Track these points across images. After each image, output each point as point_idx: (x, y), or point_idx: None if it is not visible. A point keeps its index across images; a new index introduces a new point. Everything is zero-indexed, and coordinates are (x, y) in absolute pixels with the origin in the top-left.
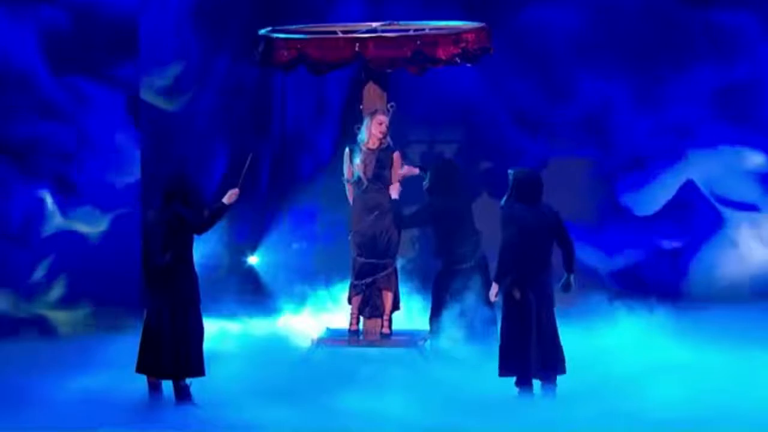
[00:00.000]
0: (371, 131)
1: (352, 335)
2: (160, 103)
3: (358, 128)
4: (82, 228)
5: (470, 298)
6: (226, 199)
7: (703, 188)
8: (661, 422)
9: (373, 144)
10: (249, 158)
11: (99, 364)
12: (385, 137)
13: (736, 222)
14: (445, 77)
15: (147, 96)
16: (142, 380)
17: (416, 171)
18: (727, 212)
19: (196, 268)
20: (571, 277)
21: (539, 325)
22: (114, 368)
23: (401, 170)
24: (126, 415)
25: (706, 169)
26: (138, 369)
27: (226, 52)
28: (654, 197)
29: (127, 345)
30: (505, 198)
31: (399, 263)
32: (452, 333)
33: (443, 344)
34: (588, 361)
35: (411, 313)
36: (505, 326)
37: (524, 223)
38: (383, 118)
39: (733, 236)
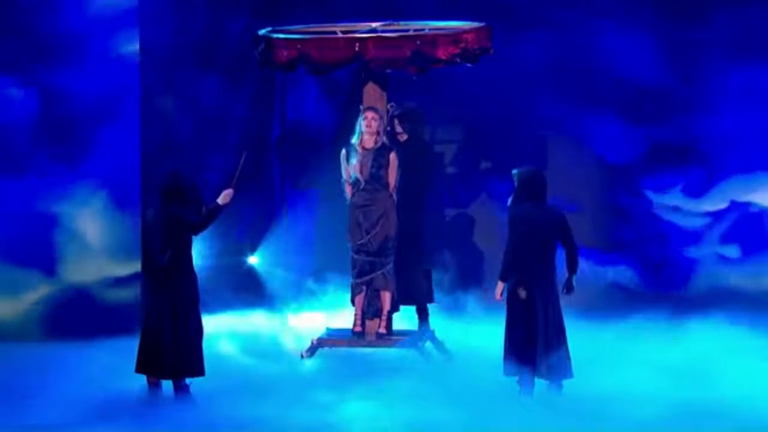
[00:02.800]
0: (361, 130)
1: (356, 336)
2: (161, 98)
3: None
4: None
5: None
6: (220, 200)
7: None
8: None
9: (367, 144)
10: (243, 158)
11: (98, 364)
12: (378, 136)
13: None
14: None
15: (148, 91)
16: (142, 380)
17: None
18: None
19: (196, 268)
20: (573, 278)
21: (546, 324)
22: (113, 367)
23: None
24: (126, 415)
25: None
26: (138, 369)
27: (228, 48)
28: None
29: (126, 345)
30: (511, 198)
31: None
32: None
33: None
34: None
35: (411, 313)
36: (510, 325)
37: (530, 222)
38: (370, 115)
39: None
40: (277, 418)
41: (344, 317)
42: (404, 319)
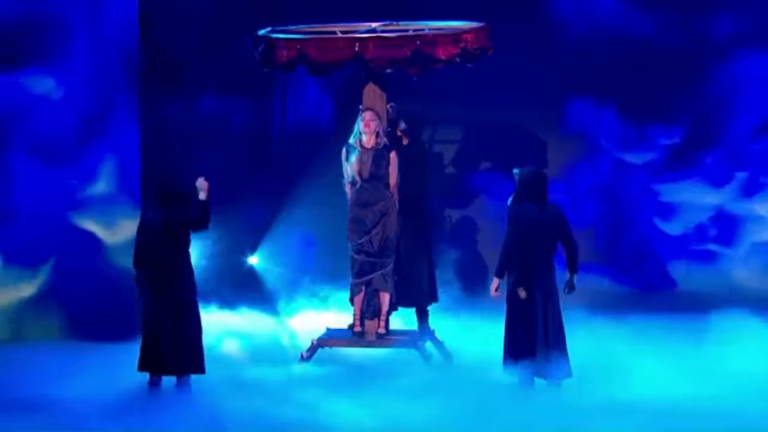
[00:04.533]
0: (360, 130)
1: (356, 336)
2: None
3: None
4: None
5: None
6: (202, 195)
7: None
8: None
9: (367, 143)
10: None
11: (98, 362)
12: (378, 136)
13: None
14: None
15: (148, 93)
16: (141, 380)
17: None
18: None
19: (196, 268)
20: (574, 278)
21: (545, 324)
22: (113, 367)
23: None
24: (125, 414)
25: None
26: (140, 367)
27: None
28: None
29: (126, 343)
30: (511, 197)
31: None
32: None
33: None
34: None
35: (411, 313)
36: (510, 325)
37: (530, 221)
38: (368, 116)
39: None
40: (276, 418)
41: (343, 317)
42: (404, 319)
